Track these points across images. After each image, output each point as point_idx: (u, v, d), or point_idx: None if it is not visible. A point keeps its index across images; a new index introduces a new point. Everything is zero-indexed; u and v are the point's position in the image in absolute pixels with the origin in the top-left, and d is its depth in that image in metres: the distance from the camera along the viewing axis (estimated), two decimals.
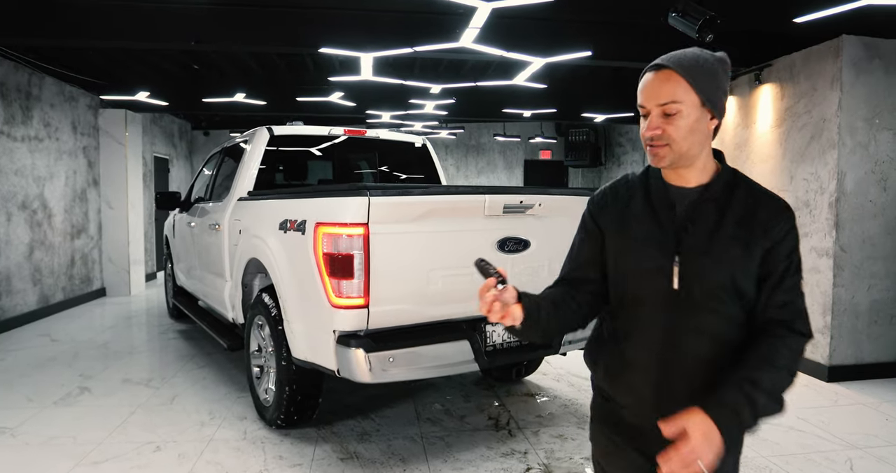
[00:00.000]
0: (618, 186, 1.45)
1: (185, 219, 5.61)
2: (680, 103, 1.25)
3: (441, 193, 2.99)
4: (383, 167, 5.14)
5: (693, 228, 1.29)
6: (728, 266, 1.26)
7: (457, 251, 3.03)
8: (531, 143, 12.39)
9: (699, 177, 1.33)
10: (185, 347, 5.65)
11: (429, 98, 7.29)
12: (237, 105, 7.27)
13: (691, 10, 3.36)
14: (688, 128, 1.26)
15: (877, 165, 4.62)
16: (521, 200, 3.13)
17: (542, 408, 4.10)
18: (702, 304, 1.28)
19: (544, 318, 1.35)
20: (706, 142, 1.30)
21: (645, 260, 1.33)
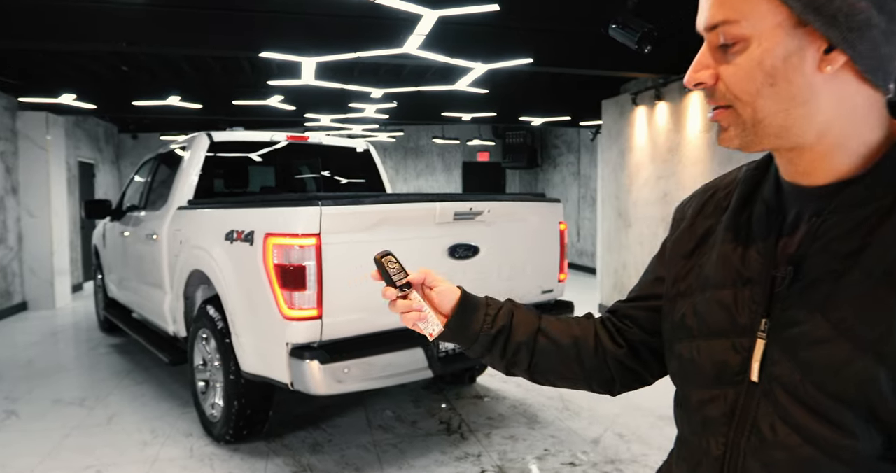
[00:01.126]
0: (720, 185, 0.87)
1: (118, 228, 5.37)
2: (742, 23, 0.65)
3: (393, 202, 3.00)
4: (326, 173, 5.08)
5: (802, 272, 0.68)
6: (860, 355, 0.61)
7: (409, 259, 3.02)
8: (469, 146, 12.52)
9: (834, 167, 0.68)
10: (119, 362, 5.40)
11: (370, 102, 7.26)
12: (170, 108, 7.00)
13: (631, 22, 3.50)
14: (765, 73, 0.65)
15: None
16: (470, 207, 3.17)
17: (491, 410, 4.16)
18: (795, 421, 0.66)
19: (512, 345, 0.97)
20: (842, 111, 0.66)
21: (710, 322, 0.77)
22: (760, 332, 0.70)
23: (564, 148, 11.92)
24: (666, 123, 6.07)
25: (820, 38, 0.62)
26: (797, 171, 0.71)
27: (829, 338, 0.63)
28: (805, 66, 0.63)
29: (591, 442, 3.58)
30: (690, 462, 0.79)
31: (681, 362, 0.81)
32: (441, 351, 3.25)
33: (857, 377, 0.61)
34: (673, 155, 5.96)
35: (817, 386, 0.64)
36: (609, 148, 7.24)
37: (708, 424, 0.75)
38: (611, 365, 0.95)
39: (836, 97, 0.65)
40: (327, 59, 4.56)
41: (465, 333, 0.97)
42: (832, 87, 0.64)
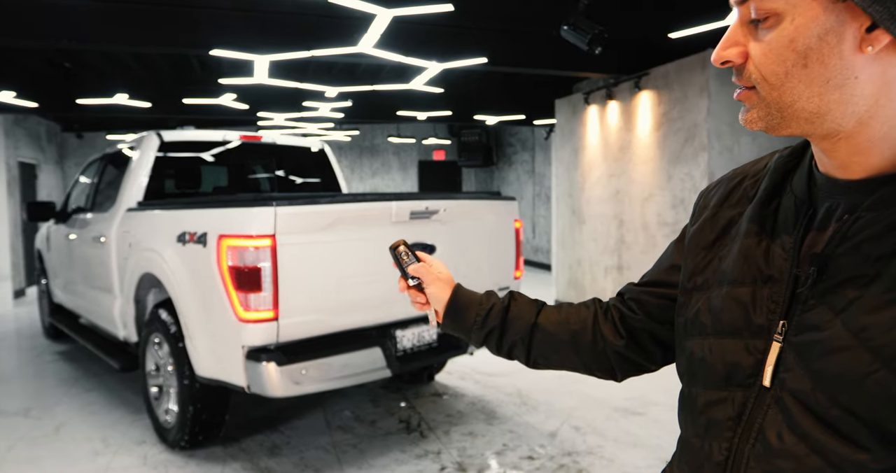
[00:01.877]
0: (749, 172, 0.81)
1: (63, 231, 5.19)
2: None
3: (348, 201, 2.99)
4: (281, 173, 5.02)
5: (827, 273, 0.63)
6: (880, 368, 0.57)
7: (365, 258, 3.04)
8: (425, 144, 12.54)
9: (875, 160, 0.62)
10: (67, 370, 5.22)
11: (324, 100, 7.19)
12: (118, 107, 6.78)
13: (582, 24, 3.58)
14: (797, 53, 0.59)
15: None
16: (426, 206, 3.19)
17: (450, 407, 4.19)
18: (804, 430, 0.63)
19: (509, 334, 0.99)
20: (861, 86, 0.59)
21: (725, 320, 0.72)
22: (777, 335, 0.66)
23: (519, 146, 12.06)
24: (617, 122, 6.21)
25: (862, 15, 0.55)
26: (833, 162, 0.65)
27: (849, 347, 0.58)
28: (843, 45, 0.57)
29: (549, 436, 3.66)
30: (692, 466, 0.75)
31: (691, 360, 0.77)
32: (399, 350, 3.27)
33: (875, 391, 0.57)
34: (624, 153, 6.11)
35: (829, 397, 0.60)
36: (562, 146, 7.37)
37: (712, 427, 0.71)
38: (610, 356, 0.94)
39: (879, 81, 0.58)
40: (280, 58, 4.51)
41: (458, 330, 1.02)
42: (873, 70, 0.57)
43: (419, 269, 1.05)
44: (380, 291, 3.12)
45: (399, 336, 3.27)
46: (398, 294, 1.11)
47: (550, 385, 4.60)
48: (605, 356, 0.95)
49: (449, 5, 3.44)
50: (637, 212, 5.93)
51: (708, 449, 0.72)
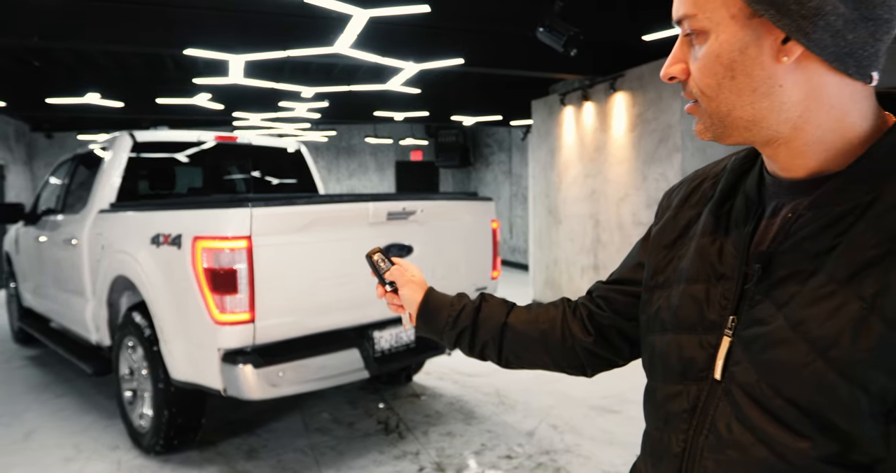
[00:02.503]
0: (709, 173, 0.84)
1: (32, 233, 5.08)
2: (700, 16, 0.64)
3: (325, 202, 2.98)
4: (257, 173, 4.98)
5: (771, 270, 0.66)
6: (816, 359, 0.60)
7: (342, 259, 3.04)
8: (402, 145, 12.53)
9: (813, 161, 0.66)
10: (37, 375, 5.11)
11: (301, 101, 7.15)
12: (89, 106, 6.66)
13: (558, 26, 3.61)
14: (723, 66, 0.64)
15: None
16: (403, 207, 3.19)
17: (428, 408, 4.20)
18: (750, 422, 0.65)
19: (480, 334, 1.02)
20: (811, 103, 0.63)
21: (681, 316, 0.75)
22: (727, 330, 0.69)
23: (496, 147, 12.11)
24: (593, 123, 6.28)
25: (775, 29, 0.60)
26: (777, 164, 0.69)
27: (789, 340, 0.61)
28: (763, 57, 0.61)
29: (527, 435, 3.68)
30: (654, 458, 0.79)
31: (652, 355, 0.80)
32: (377, 351, 3.27)
33: (812, 381, 0.59)
34: (600, 153, 6.17)
35: (773, 388, 0.62)
36: (539, 147, 7.42)
37: (670, 420, 0.74)
38: (580, 353, 0.96)
39: (805, 88, 0.62)
40: (256, 58, 4.47)
41: (431, 332, 1.06)
42: (797, 78, 0.62)
43: (393, 272, 1.08)
44: (357, 292, 3.11)
45: (377, 337, 3.27)
46: (371, 291, 1.12)
47: (528, 384, 4.63)
48: (575, 353, 0.97)
49: (425, 6, 3.45)
50: (613, 211, 6.00)
51: (667, 441, 0.75)
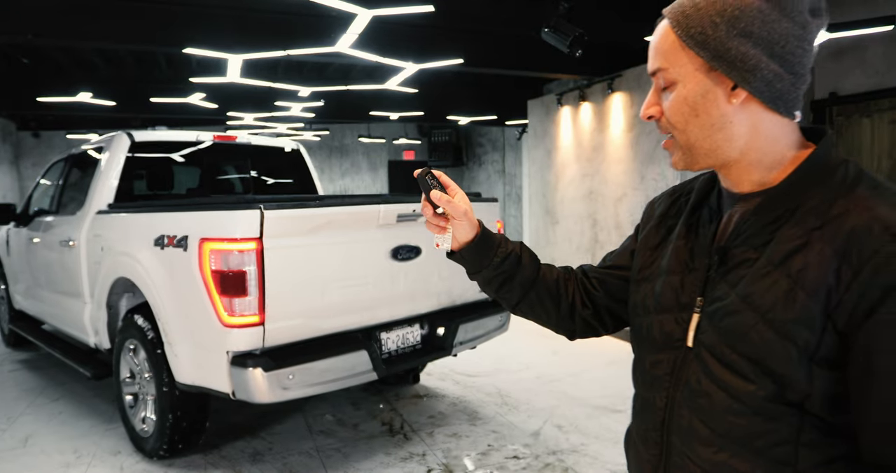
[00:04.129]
0: (683, 190, 1.07)
1: (24, 234, 4.99)
2: (671, 69, 0.84)
3: (337, 205, 2.95)
4: (256, 173, 4.93)
5: (726, 260, 0.87)
6: (759, 321, 0.80)
7: (351, 261, 3.01)
8: (395, 144, 12.48)
9: (755, 179, 0.87)
10: (30, 379, 5.02)
11: (296, 100, 7.09)
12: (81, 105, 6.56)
13: (563, 27, 3.61)
14: (689, 107, 0.84)
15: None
16: (413, 209, 3.17)
17: (432, 408, 4.18)
18: (715, 375, 0.85)
19: (515, 280, 1.11)
20: (753, 137, 0.84)
21: (662, 301, 0.95)
22: (696, 308, 0.90)
23: (489, 146, 12.11)
24: (590, 123, 6.29)
25: (727, 79, 0.81)
26: (730, 181, 0.91)
27: (740, 310, 0.82)
28: (718, 100, 0.83)
29: (532, 435, 3.68)
30: (642, 414, 0.98)
31: (639, 333, 1.01)
32: (384, 352, 3.25)
33: (757, 339, 0.80)
34: (597, 154, 6.19)
35: (729, 347, 0.83)
36: (535, 147, 7.43)
37: (655, 382, 0.95)
38: (576, 319, 1.15)
39: (748, 124, 0.84)
40: (255, 57, 4.42)
41: (472, 264, 1.12)
42: (743, 116, 0.83)
43: (450, 203, 1.06)
44: (366, 293, 3.09)
45: (384, 338, 3.25)
46: (384, 296, 1.19)
47: (530, 384, 4.63)
48: (573, 319, 1.16)
49: (429, 6, 3.42)
50: (610, 211, 6.01)
51: (652, 399, 0.95)
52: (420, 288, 3.39)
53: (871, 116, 5.30)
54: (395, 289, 3.22)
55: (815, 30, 0.82)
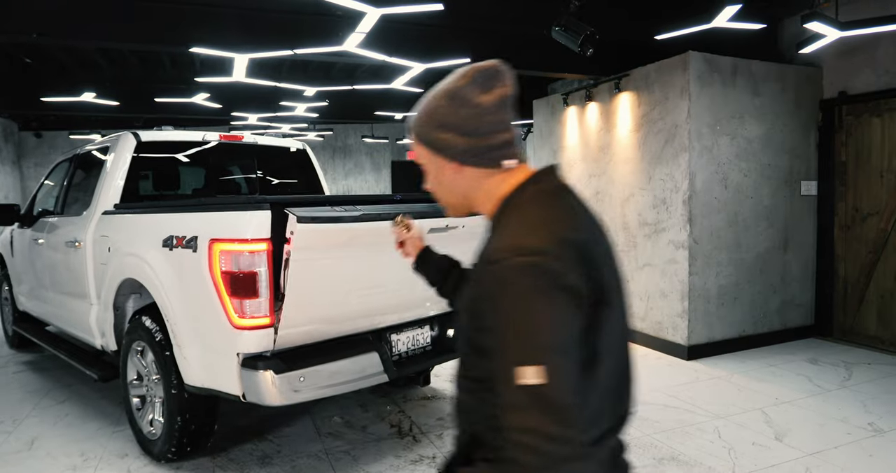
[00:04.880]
0: None
1: (29, 235, 4.96)
2: (420, 160, 1.20)
3: (367, 220, 2.72)
4: (261, 173, 4.90)
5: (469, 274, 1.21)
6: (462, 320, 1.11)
7: (371, 270, 2.93)
8: (399, 144, 12.45)
9: (487, 211, 1.18)
10: (35, 380, 4.99)
11: (301, 100, 7.05)
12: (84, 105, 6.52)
13: (573, 25, 3.58)
14: (437, 181, 1.20)
15: (719, 167, 5.22)
16: (447, 224, 3.08)
17: (441, 410, 4.15)
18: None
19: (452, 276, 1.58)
20: (471, 190, 1.16)
21: None
22: None
23: None
24: (597, 123, 6.26)
25: (445, 158, 1.15)
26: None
27: (461, 310, 1.11)
28: (447, 171, 1.16)
29: None
30: None
31: None
32: (395, 354, 3.21)
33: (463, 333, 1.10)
34: (604, 154, 6.15)
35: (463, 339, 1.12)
36: (541, 147, 7.39)
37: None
38: None
39: (468, 181, 1.16)
40: (262, 56, 4.39)
41: (424, 271, 1.67)
42: (463, 177, 1.16)
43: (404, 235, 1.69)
44: (382, 299, 3.05)
45: (394, 340, 3.22)
46: (399, 301, 1.43)
47: None
48: None
49: (439, 5, 3.39)
50: (618, 212, 5.98)
51: None
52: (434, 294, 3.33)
53: (882, 115, 5.27)
54: (412, 295, 3.17)
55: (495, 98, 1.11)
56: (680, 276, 5.23)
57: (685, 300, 5.19)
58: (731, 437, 3.60)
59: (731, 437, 3.60)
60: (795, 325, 5.73)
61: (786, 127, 5.51)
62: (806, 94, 5.60)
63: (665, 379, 4.71)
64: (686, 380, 4.69)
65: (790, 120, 5.53)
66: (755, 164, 5.39)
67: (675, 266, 5.28)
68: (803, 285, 5.75)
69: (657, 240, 5.48)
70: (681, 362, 5.17)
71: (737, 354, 5.32)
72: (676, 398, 4.27)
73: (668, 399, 4.24)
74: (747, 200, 5.37)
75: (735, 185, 5.30)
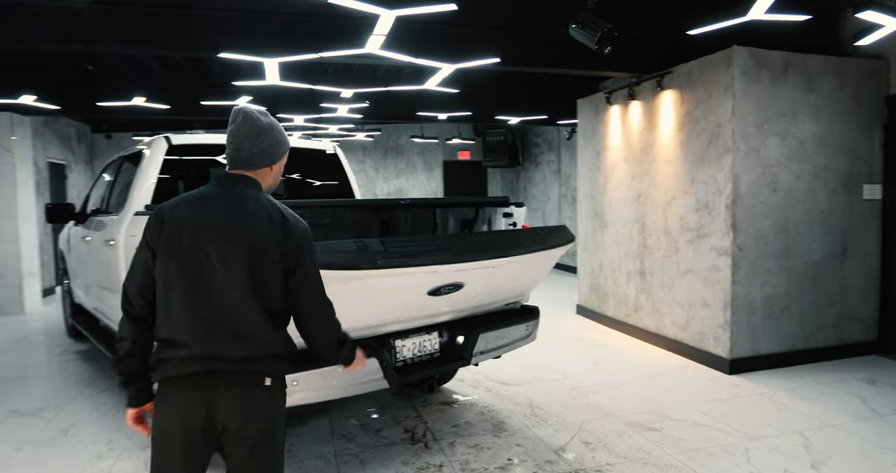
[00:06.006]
0: None
1: (80, 232, 5.24)
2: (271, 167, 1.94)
3: (392, 266, 2.62)
4: (292, 175, 4.97)
5: None
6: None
7: (386, 299, 2.90)
8: (450, 144, 12.42)
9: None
10: (84, 370, 5.28)
11: (341, 102, 7.14)
12: (136, 108, 6.85)
13: (590, 22, 3.42)
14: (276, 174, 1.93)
15: (767, 169, 4.89)
16: (493, 265, 3.00)
17: (458, 417, 4.09)
18: None
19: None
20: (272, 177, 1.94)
21: None
22: None
23: (545, 146, 11.86)
24: (640, 123, 6.01)
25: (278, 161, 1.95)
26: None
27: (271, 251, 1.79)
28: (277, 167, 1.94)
29: (556, 451, 3.52)
30: None
31: None
32: (399, 360, 3.18)
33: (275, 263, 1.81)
34: (646, 154, 5.90)
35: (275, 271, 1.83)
36: (585, 147, 7.19)
37: None
38: None
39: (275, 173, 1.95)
40: (289, 60, 4.45)
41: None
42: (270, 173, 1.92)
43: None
44: (392, 317, 3.01)
45: (399, 345, 3.18)
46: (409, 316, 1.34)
47: (563, 395, 4.46)
48: None
49: (452, 5, 3.32)
50: (660, 215, 5.72)
51: None
52: (447, 308, 3.27)
53: None
54: (423, 312, 3.13)
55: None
56: (723, 285, 4.94)
57: (727, 310, 4.90)
58: (760, 462, 3.35)
59: (760, 462, 3.35)
60: (854, 341, 5.30)
61: (844, 126, 5.11)
62: (869, 90, 5.17)
63: (701, 393, 4.47)
64: (723, 396, 4.42)
65: (849, 118, 5.12)
66: (809, 166, 5.02)
67: (717, 273, 5.00)
68: (865, 297, 5.32)
69: (699, 246, 5.21)
70: (721, 376, 4.88)
71: (785, 370, 4.98)
72: (708, 415, 4.03)
73: (699, 416, 4.01)
74: (799, 205, 5.01)
75: (785, 189, 4.96)
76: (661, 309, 5.76)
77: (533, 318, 3.81)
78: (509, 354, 3.80)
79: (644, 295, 6.01)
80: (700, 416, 4.02)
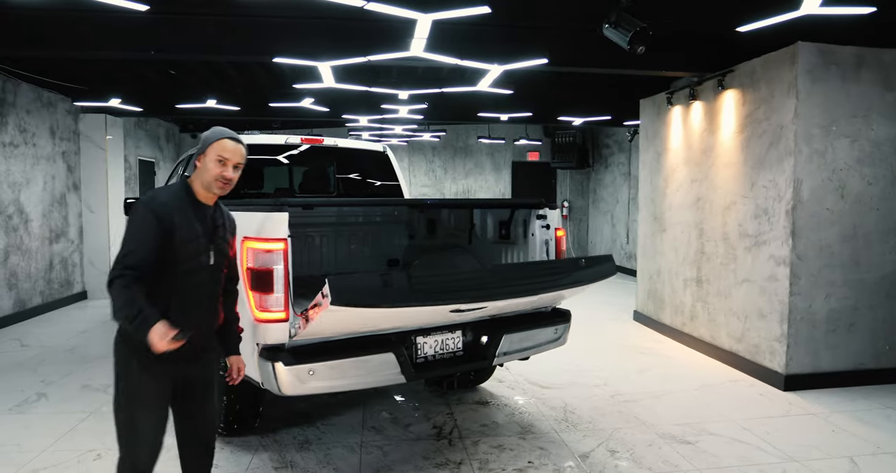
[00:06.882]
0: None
1: None
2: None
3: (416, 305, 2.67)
4: (343, 174, 5.16)
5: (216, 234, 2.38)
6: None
7: (409, 315, 2.95)
8: (518, 145, 12.35)
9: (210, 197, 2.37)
10: None
11: (400, 103, 7.29)
12: (210, 110, 7.31)
13: (624, 21, 3.34)
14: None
15: (834, 173, 4.58)
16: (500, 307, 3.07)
17: (489, 417, 4.10)
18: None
19: None
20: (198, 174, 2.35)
21: None
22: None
23: (616, 147, 11.58)
24: (700, 123, 5.78)
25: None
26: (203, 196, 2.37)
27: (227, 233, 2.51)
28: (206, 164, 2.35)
29: (580, 457, 3.47)
30: None
31: None
32: (419, 357, 3.24)
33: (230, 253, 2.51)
34: (707, 157, 5.66)
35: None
36: (646, 149, 6.98)
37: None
38: None
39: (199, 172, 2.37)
40: (339, 63, 4.62)
41: None
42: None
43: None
44: (405, 322, 3.08)
45: (420, 342, 3.24)
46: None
47: (600, 402, 4.37)
48: None
49: (486, 7, 3.35)
50: (718, 220, 5.48)
51: None
52: (472, 317, 3.28)
53: None
54: (445, 321, 3.18)
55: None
56: (780, 296, 4.67)
57: (784, 323, 4.63)
58: None
59: None
60: None
61: None
62: None
63: (748, 409, 4.25)
64: (772, 413, 4.19)
65: None
66: (884, 171, 4.66)
67: (775, 284, 4.73)
68: None
69: (757, 254, 4.95)
70: (775, 392, 4.62)
71: (848, 390, 4.64)
72: (750, 431, 3.84)
73: (740, 432, 3.82)
74: (871, 212, 4.66)
75: (855, 195, 4.62)
76: (716, 319, 5.51)
77: (563, 321, 3.77)
78: (553, 358, 3.76)
79: (700, 303, 5.77)
80: (741, 432, 3.83)
